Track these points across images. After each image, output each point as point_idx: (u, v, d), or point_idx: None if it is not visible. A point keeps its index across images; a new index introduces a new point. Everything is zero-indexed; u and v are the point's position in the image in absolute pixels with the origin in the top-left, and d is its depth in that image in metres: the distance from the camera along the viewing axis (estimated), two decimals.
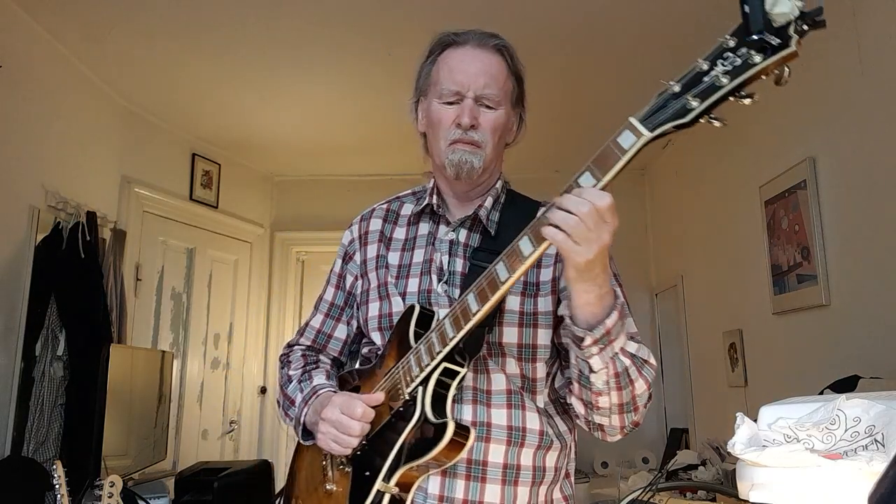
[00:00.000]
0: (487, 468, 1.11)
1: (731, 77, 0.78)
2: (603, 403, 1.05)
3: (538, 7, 2.63)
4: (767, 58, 0.76)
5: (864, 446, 0.94)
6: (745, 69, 0.77)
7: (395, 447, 1.06)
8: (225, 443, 4.16)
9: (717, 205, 3.36)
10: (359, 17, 2.71)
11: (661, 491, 2.28)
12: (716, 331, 3.33)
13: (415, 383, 1.07)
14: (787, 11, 0.74)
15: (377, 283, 1.24)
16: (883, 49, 2.06)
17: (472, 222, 1.23)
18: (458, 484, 1.10)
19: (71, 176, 3.01)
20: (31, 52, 2.75)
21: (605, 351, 0.99)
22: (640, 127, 0.84)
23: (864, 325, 2.17)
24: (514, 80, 1.23)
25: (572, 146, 4.16)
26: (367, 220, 1.33)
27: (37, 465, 2.48)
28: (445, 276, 1.19)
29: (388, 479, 1.05)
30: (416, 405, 1.06)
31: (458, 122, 1.16)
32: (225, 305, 4.25)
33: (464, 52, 1.19)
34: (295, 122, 3.77)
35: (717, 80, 0.78)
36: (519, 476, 1.13)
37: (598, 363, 1.00)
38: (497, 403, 1.13)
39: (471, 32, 1.22)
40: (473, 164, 1.17)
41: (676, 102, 0.81)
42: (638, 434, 4.27)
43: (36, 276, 2.65)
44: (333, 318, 1.33)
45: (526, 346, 1.15)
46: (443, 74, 1.20)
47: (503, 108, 1.20)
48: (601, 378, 1.02)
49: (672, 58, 2.99)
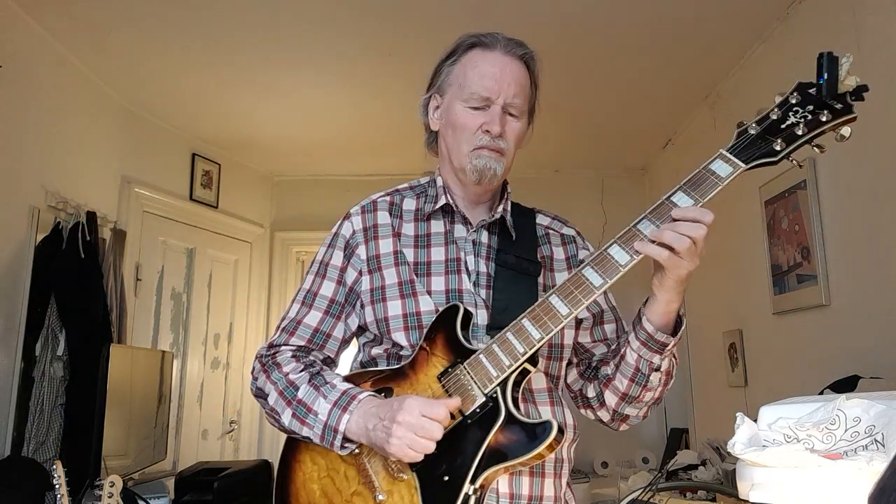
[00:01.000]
0: (545, 463, 1.15)
1: (808, 130, 1.00)
2: (647, 398, 1.16)
3: (538, 6, 2.63)
4: (835, 119, 0.99)
5: (864, 446, 0.94)
6: (818, 125, 1.00)
7: (480, 448, 1.04)
8: (225, 443, 4.16)
9: (717, 205, 3.36)
10: (359, 17, 2.71)
11: (661, 491, 2.28)
12: (716, 331, 3.33)
13: (494, 384, 1.06)
14: (851, 84, 0.99)
15: (398, 280, 1.19)
16: (883, 49, 2.06)
17: (492, 224, 1.25)
18: (523, 480, 1.14)
19: (71, 176, 3.01)
20: (31, 52, 2.75)
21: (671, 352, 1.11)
22: (736, 160, 1.02)
23: (864, 325, 2.17)
24: (533, 90, 1.25)
25: (572, 146, 4.16)
26: (370, 212, 1.26)
27: (37, 465, 2.48)
28: (473, 277, 1.20)
29: (476, 480, 1.04)
30: (500, 405, 1.05)
31: (485, 129, 1.17)
32: (225, 305, 4.25)
33: (494, 58, 1.19)
34: (295, 122, 3.77)
35: (795, 130, 1.00)
36: (562, 468, 1.20)
37: (666, 363, 1.11)
38: (542, 401, 1.19)
39: (498, 36, 1.21)
40: (496, 171, 1.19)
41: (762, 143, 1.02)
42: (638, 434, 4.27)
43: (36, 276, 2.64)
44: (333, 316, 1.24)
45: (556, 346, 1.21)
46: (471, 78, 1.19)
47: (524, 118, 1.22)
48: (658, 376, 1.12)
49: (673, 59, 3.00)
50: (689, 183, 1.02)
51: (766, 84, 2.81)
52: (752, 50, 2.88)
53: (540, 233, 1.30)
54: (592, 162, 4.44)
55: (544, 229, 1.31)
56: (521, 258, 1.22)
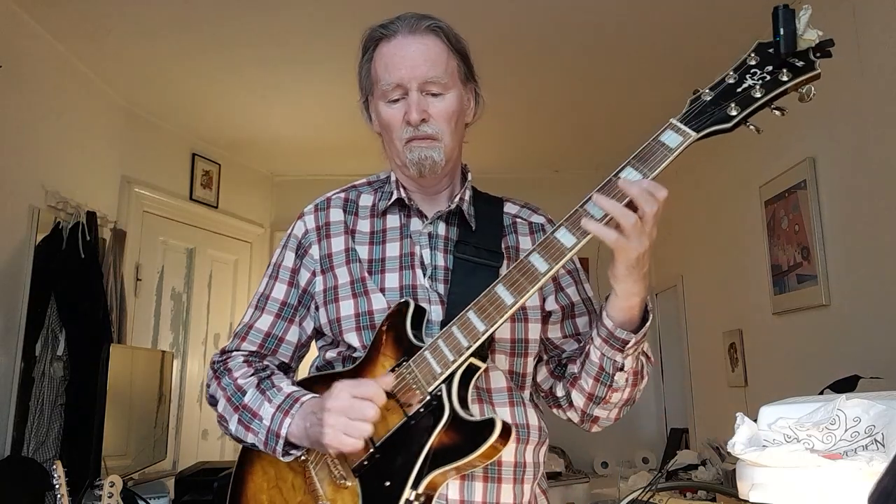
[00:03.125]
0: (502, 468, 1.08)
1: (765, 91, 0.89)
2: (615, 399, 1.07)
3: (539, 6, 2.63)
4: (796, 77, 0.89)
5: (864, 446, 0.94)
6: (776, 85, 0.89)
7: (423, 450, 0.97)
8: (225, 443, 4.16)
9: (717, 205, 3.36)
10: (359, 16, 2.70)
11: (661, 491, 2.28)
12: (716, 331, 3.33)
13: (438, 381, 0.99)
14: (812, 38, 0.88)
15: (350, 279, 1.14)
16: (883, 49, 2.06)
17: (450, 215, 1.18)
18: (476, 486, 1.06)
19: (71, 176, 3.01)
20: (31, 52, 2.75)
21: (637, 351, 1.03)
22: (686, 128, 0.92)
23: (864, 325, 2.17)
24: (457, 56, 1.15)
25: (572, 146, 4.16)
26: (323, 210, 1.22)
27: (37, 465, 2.48)
28: (429, 271, 1.13)
29: (417, 485, 0.96)
30: (444, 404, 0.98)
31: (406, 120, 1.10)
32: (225, 305, 4.25)
33: (397, 44, 1.11)
34: (295, 122, 3.77)
35: (752, 92, 0.89)
36: (525, 473, 1.11)
37: (630, 363, 1.03)
38: (499, 401, 1.11)
39: (399, 20, 1.14)
40: (434, 159, 1.11)
41: (716, 109, 0.91)
42: (638, 434, 4.27)
43: (36, 276, 2.64)
44: (286, 320, 1.18)
45: (519, 341, 1.14)
46: (380, 71, 1.12)
47: (453, 90, 1.13)
48: (624, 376, 1.04)
49: (672, 59, 2.99)
50: (637, 157, 0.93)
51: None
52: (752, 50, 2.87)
53: (507, 222, 1.22)
54: (592, 162, 4.44)
55: (511, 218, 1.23)
56: (482, 248, 1.14)
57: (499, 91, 3.28)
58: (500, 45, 2.92)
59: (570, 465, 4.06)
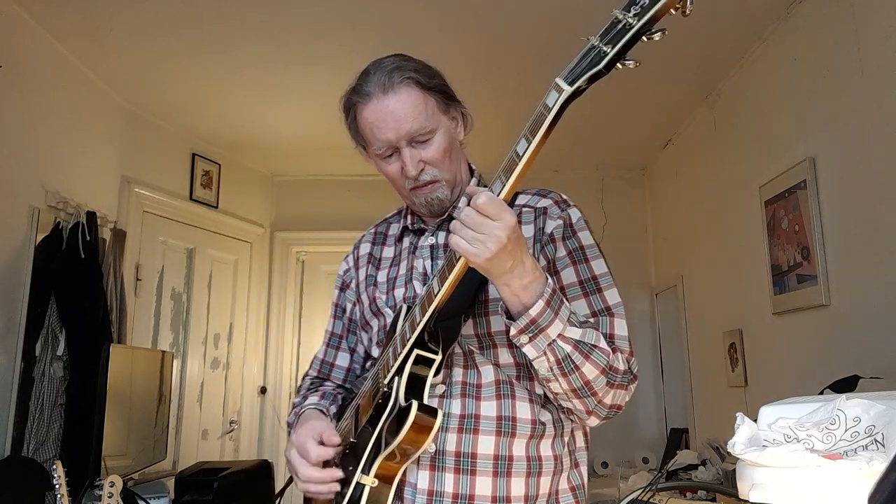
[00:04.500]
0: (477, 460, 1.09)
1: (640, 17, 0.81)
2: (556, 389, 1.05)
3: (537, 5, 2.63)
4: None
5: (864, 446, 0.94)
6: (652, 5, 0.80)
7: (372, 438, 1.07)
8: (225, 443, 4.16)
9: (717, 205, 3.36)
10: (359, 16, 2.71)
11: (661, 491, 2.28)
12: (716, 331, 3.33)
13: (391, 373, 1.08)
14: None
15: (369, 302, 1.28)
16: (883, 49, 2.06)
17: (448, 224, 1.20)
18: (447, 477, 1.09)
19: (71, 176, 3.01)
20: (31, 52, 2.75)
21: (538, 340, 0.99)
22: (562, 83, 0.86)
23: (864, 325, 2.17)
24: (433, 94, 1.19)
25: (572, 146, 4.16)
26: (357, 247, 1.39)
27: (37, 465, 2.48)
28: (429, 280, 1.18)
29: (367, 470, 1.05)
30: (392, 392, 1.07)
31: (405, 175, 1.18)
32: (225, 305, 4.25)
33: (376, 108, 1.16)
34: (295, 122, 3.77)
35: (627, 24, 0.81)
36: (511, 467, 1.10)
37: (531, 352, 1.01)
38: (486, 395, 1.12)
39: (370, 80, 1.18)
40: (440, 198, 1.20)
41: (593, 53, 0.84)
42: (638, 434, 4.27)
43: (36, 276, 2.64)
44: (333, 347, 1.39)
45: (484, 335, 1.14)
46: (367, 135, 1.20)
47: (439, 129, 1.18)
48: (543, 366, 1.02)
49: (672, 59, 2.99)
50: (529, 126, 0.91)
51: (766, 84, 2.81)
52: (752, 50, 2.87)
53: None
54: (592, 162, 4.44)
55: (520, 209, 1.22)
56: None
57: (499, 91, 3.28)
58: (500, 44, 2.92)
59: None
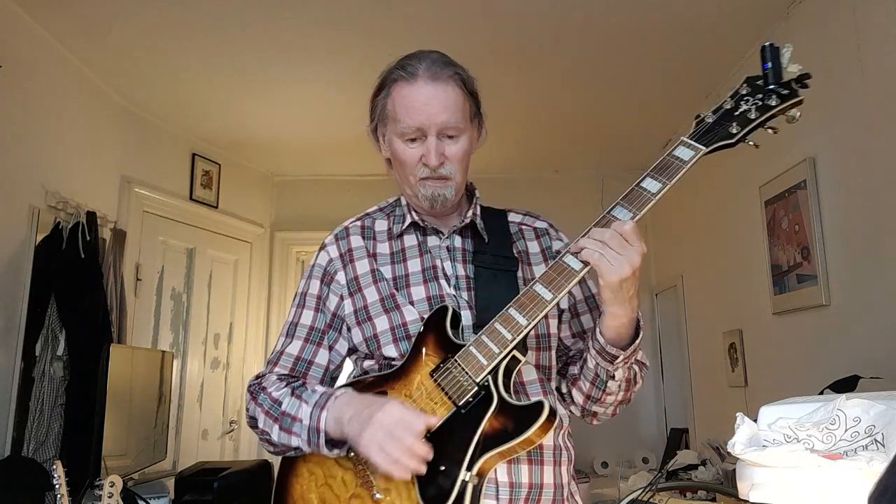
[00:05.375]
0: (544, 451, 1.17)
1: (759, 114, 1.07)
2: (609, 401, 1.19)
3: (538, 7, 2.63)
4: (783, 102, 1.07)
5: (864, 446, 0.94)
6: (767, 109, 1.07)
7: (475, 436, 1.06)
8: (225, 443, 4.16)
9: (717, 205, 3.36)
10: (359, 16, 2.71)
11: (661, 491, 2.28)
12: (716, 331, 3.33)
13: (485, 372, 1.07)
14: (794, 71, 1.08)
15: (379, 297, 1.22)
16: (883, 49, 2.06)
17: (464, 229, 1.27)
18: (522, 469, 1.14)
19: (71, 176, 3.01)
20: (31, 52, 2.75)
21: (628, 363, 1.13)
22: (696, 144, 1.08)
23: (864, 325, 2.17)
24: (471, 100, 1.22)
25: (572, 146, 4.17)
26: (343, 238, 1.30)
27: (37, 465, 2.48)
28: (452, 281, 1.22)
29: (472, 467, 1.05)
30: (492, 392, 1.07)
31: (424, 163, 1.18)
32: (225, 305, 4.25)
33: (419, 89, 1.16)
34: (295, 122, 3.77)
35: (748, 114, 1.08)
36: (562, 456, 1.20)
37: (621, 374, 1.14)
38: (533, 392, 1.19)
39: (420, 62, 1.18)
40: (446, 196, 1.21)
41: (719, 128, 1.09)
42: (638, 434, 4.27)
43: (36, 276, 2.64)
44: (314, 343, 1.26)
45: (543, 336, 1.22)
46: (400, 112, 1.18)
47: (466, 132, 1.21)
48: (617, 383, 1.15)
49: (672, 58, 3.00)
50: (656, 168, 1.08)
51: None
52: (752, 50, 2.87)
53: (513, 230, 1.32)
54: (592, 162, 4.44)
55: (517, 226, 1.33)
56: (498, 256, 1.25)
57: (499, 91, 3.28)
58: (500, 45, 2.92)
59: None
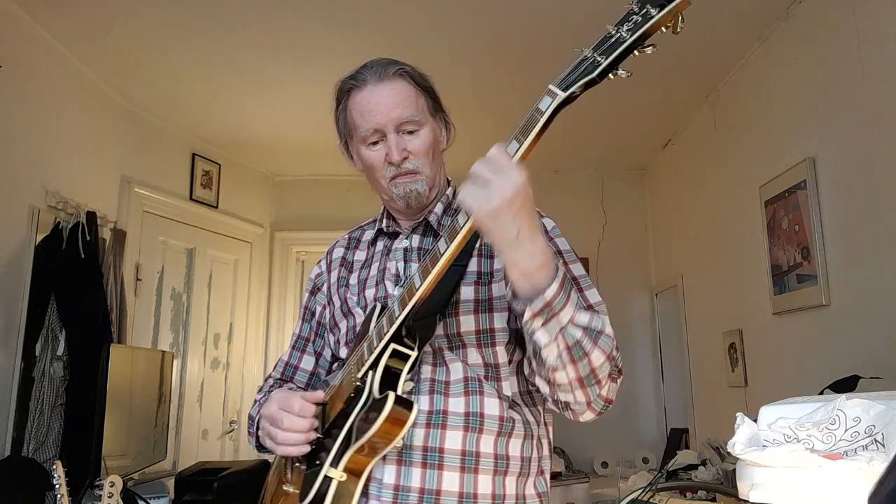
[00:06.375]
0: (444, 455, 1.09)
1: (633, 32, 0.87)
2: (561, 379, 1.01)
3: (536, 7, 2.63)
4: (664, 8, 0.85)
5: (864, 446, 0.94)
6: (644, 22, 0.86)
7: (343, 431, 1.06)
8: (225, 443, 4.16)
9: (717, 205, 3.36)
10: (359, 16, 2.71)
11: (661, 491, 2.28)
12: (716, 331, 3.33)
13: (365, 366, 1.08)
14: None
15: (340, 303, 1.29)
16: (883, 49, 2.06)
17: (423, 228, 1.27)
18: (414, 472, 1.08)
19: (71, 176, 3.01)
20: (31, 52, 2.75)
21: (550, 324, 0.96)
22: (555, 89, 0.92)
23: (864, 325, 2.17)
24: (425, 94, 1.24)
25: (572, 146, 4.16)
26: (330, 252, 1.40)
27: (37, 465, 2.48)
28: (402, 281, 1.21)
29: (336, 464, 1.04)
30: (365, 387, 1.07)
31: (388, 161, 1.19)
32: (225, 305, 4.25)
33: (369, 93, 1.20)
34: (295, 122, 3.77)
35: (620, 37, 0.88)
36: (478, 463, 1.10)
37: (543, 337, 0.97)
38: (455, 392, 1.12)
39: (367, 70, 1.23)
40: (419, 191, 1.21)
41: (587, 63, 0.90)
42: (638, 434, 4.27)
43: (36, 276, 2.64)
44: (299, 350, 1.39)
45: (484, 332, 1.15)
46: (357, 119, 1.21)
47: (426, 125, 1.22)
48: (553, 352, 0.98)
49: (672, 58, 2.99)
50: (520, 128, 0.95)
51: (766, 84, 2.81)
52: (752, 50, 2.87)
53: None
54: (592, 162, 4.44)
55: None
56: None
57: (499, 91, 3.28)
58: (499, 44, 2.92)
59: (569, 464, 4.06)
